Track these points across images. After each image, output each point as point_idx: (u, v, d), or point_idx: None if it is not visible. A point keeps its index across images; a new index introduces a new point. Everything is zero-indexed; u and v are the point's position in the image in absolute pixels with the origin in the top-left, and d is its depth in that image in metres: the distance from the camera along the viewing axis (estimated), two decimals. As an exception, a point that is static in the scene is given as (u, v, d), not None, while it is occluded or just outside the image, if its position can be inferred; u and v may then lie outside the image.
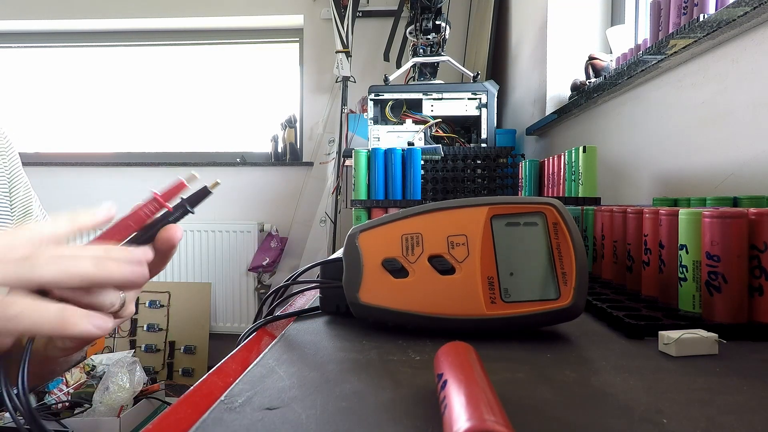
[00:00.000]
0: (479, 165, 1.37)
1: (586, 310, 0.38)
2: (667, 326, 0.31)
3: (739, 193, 0.59)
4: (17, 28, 3.11)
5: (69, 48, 3.17)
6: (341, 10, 2.60)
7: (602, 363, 0.27)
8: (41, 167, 2.89)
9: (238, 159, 2.87)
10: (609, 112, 1.32)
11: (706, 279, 0.34)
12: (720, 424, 0.19)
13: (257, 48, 3.11)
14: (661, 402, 0.21)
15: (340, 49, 2.57)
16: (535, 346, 0.30)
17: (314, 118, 2.87)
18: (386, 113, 1.62)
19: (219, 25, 3.03)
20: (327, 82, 2.83)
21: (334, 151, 2.64)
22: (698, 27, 0.84)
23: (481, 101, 1.60)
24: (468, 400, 0.16)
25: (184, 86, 3.10)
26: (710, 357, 0.27)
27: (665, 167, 1.04)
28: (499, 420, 0.15)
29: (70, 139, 3.14)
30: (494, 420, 0.15)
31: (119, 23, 3.03)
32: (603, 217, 0.50)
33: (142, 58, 3.15)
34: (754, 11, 0.73)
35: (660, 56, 0.98)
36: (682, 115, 0.98)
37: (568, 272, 0.32)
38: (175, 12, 2.94)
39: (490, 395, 0.17)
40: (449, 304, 0.32)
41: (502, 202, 0.34)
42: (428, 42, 1.78)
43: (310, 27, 2.86)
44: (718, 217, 0.33)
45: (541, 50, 1.76)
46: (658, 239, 0.40)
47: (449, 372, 0.20)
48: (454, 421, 0.15)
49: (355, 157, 1.24)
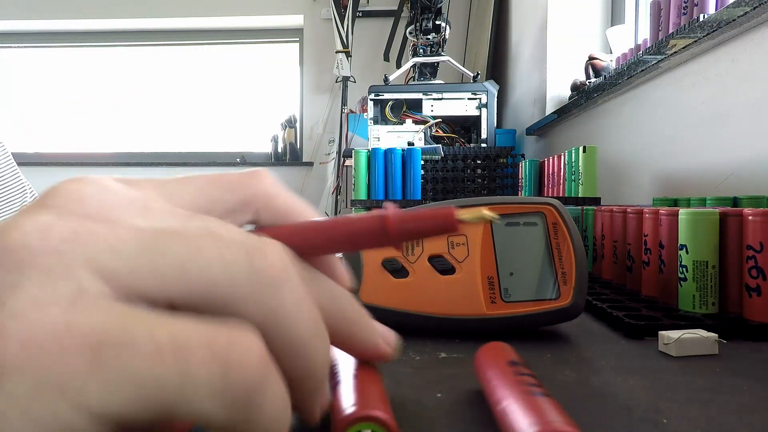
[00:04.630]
0: (479, 165, 1.37)
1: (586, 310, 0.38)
2: (667, 326, 0.31)
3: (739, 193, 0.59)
4: (17, 28, 3.11)
5: (69, 48, 3.17)
6: (341, 10, 2.60)
7: (602, 363, 0.27)
8: (41, 167, 2.89)
9: (238, 159, 2.87)
10: (609, 112, 1.32)
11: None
12: (720, 424, 0.19)
13: (257, 48, 3.11)
14: (661, 402, 0.21)
15: (340, 49, 2.57)
16: (535, 346, 0.30)
17: (314, 118, 2.87)
18: (386, 113, 1.62)
19: (219, 25, 3.03)
20: (327, 82, 2.83)
21: (334, 151, 2.64)
22: (698, 27, 0.84)
23: (481, 101, 1.60)
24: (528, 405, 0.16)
25: (184, 86, 3.10)
26: (710, 357, 0.27)
27: (665, 167, 1.04)
28: (566, 421, 0.15)
29: (70, 139, 3.14)
30: (562, 421, 0.15)
31: (119, 23, 3.03)
32: (603, 217, 0.50)
33: (142, 58, 3.15)
34: (754, 11, 0.73)
35: (660, 56, 0.98)
36: (682, 115, 0.98)
37: (567, 272, 0.32)
38: (175, 12, 2.94)
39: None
40: (449, 303, 0.32)
41: (502, 202, 0.34)
42: (428, 42, 1.78)
43: (310, 27, 2.86)
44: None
45: (541, 50, 1.76)
46: (658, 239, 0.40)
47: (497, 375, 0.19)
48: (521, 425, 0.15)
49: (355, 157, 1.24)
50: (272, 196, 0.17)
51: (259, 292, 0.13)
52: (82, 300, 0.12)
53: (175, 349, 0.11)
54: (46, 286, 0.12)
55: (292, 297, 0.14)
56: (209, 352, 0.12)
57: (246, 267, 0.13)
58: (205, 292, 0.13)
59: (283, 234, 0.17)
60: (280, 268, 0.14)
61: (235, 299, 0.13)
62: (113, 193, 0.14)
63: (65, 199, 0.14)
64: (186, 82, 3.10)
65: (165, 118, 3.10)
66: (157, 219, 0.14)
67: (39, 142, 3.12)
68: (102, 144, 3.10)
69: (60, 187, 0.14)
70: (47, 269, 0.12)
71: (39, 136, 3.13)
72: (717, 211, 0.36)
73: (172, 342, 0.11)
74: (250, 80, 3.07)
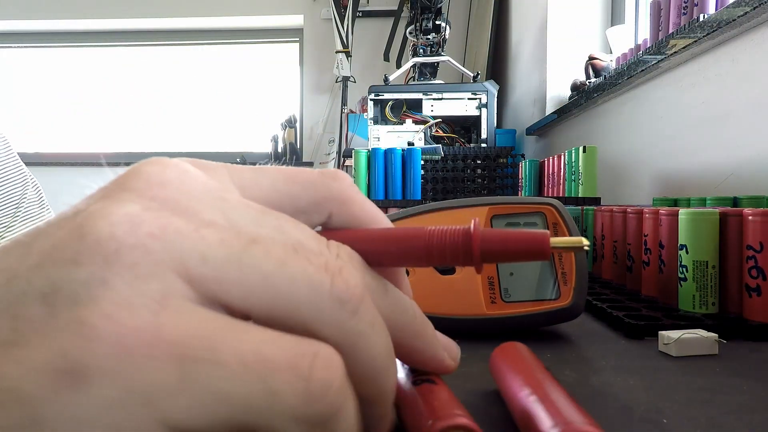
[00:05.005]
0: (479, 165, 1.37)
1: (586, 310, 0.38)
2: (667, 326, 0.31)
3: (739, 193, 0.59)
4: (17, 28, 3.11)
5: (69, 48, 3.17)
6: (341, 10, 2.60)
7: (602, 363, 0.27)
8: (41, 167, 2.89)
9: (238, 159, 2.87)
10: (609, 112, 1.32)
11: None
12: (720, 424, 0.19)
13: (257, 48, 3.11)
14: (661, 402, 0.21)
15: (340, 49, 2.57)
16: (535, 346, 0.30)
17: (314, 118, 2.87)
18: (386, 113, 1.62)
19: (219, 25, 3.03)
20: (327, 82, 2.83)
21: (334, 151, 2.64)
22: (698, 27, 0.84)
23: (481, 101, 1.60)
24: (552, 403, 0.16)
25: (184, 86, 3.10)
26: (710, 357, 0.27)
27: (665, 167, 1.04)
28: (587, 420, 0.15)
29: (70, 139, 3.14)
30: (585, 421, 0.14)
31: (119, 23, 3.03)
32: (603, 217, 0.50)
33: (142, 58, 3.15)
34: (754, 11, 0.73)
35: (660, 56, 0.98)
36: (682, 115, 0.98)
37: (568, 272, 0.32)
38: (175, 12, 2.94)
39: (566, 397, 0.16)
40: (449, 303, 0.32)
41: (502, 202, 0.34)
42: (428, 42, 1.78)
43: (310, 27, 2.86)
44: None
45: (541, 50, 1.76)
46: (658, 239, 0.40)
47: (516, 373, 0.19)
48: (543, 424, 0.15)
49: (355, 157, 1.24)
50: (349, 201, 0.16)
51: (338, 313, 0.13)
52: (170, 302, 0.11)
53: (261, 366, 0.11)
54: (136, 285, 0.11)
55: (367, 320, 0.13)
56: (294, 373, 0.11)
57: (328, 287, 0.13)
58: (286, 309, 0.12)
59: (354, 239, 0.16)
60: (359, 292, 0.13)
61: (314, 318, 0.12)
62: (193, 179, 0.14)
63: (147, 183, 0.13)
64: (186, 82, 3.10)
65: (165, 118, 3.10)
66: (232, 213, 0.14)
67: (39, 142, 3.12)
68: (102, 144, 3.10)
69: (140, 169, 0.14)
70: (135, 266, 0.11)
71: (39, 136, 3.13)
72: (717, 211, 0.36)
73: (257, 359, 0.11)
74: (250, 80, 3.07)
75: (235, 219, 0.13)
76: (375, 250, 0.16)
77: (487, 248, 0.15)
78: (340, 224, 0.17)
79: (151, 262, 0.11)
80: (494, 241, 0.15)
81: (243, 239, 0.13)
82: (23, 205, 0.61)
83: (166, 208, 0.13)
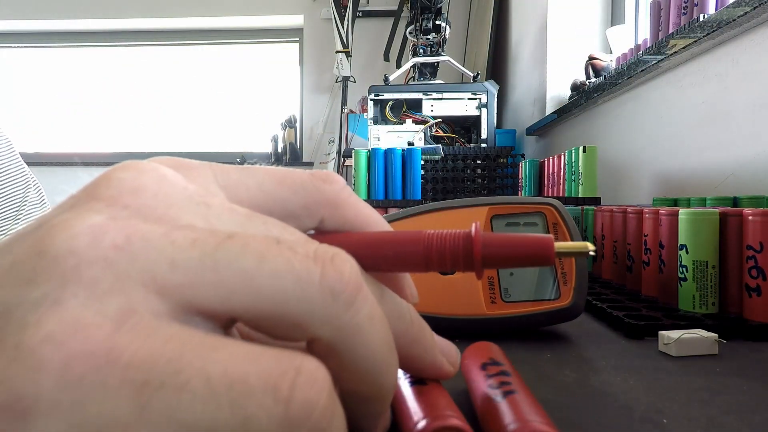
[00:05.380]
0: (479, 165, 1.37)
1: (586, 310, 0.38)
2: (667, 326, 0.31)
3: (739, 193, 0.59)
4: (17, 28, 3.11)
5: (69, 48, 3.17)
6: (341, 10, 2.60)
7: (602, 363, 0.27)
8: (41, 167, 2.89)
9: (238, 159, 2.87)
10: (609, 112, 1.32)
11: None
12: (720, 424, 0.19)
13: (257, 48, 3.11)
14: (661, 402, 0.21)
15: (340, 49, 2.57)
16: (535, 346, 0.30)
17: (314, 118, 2.87)
18: (386, 113, 1.62)
19: (219, 25, 3.03)
20: (327, 82, 2.83)
21: (334, 151, 2.64)
22: (698, 27, 0.84)
23: (481, 101, 1.60)
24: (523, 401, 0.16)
25: (184, 86, 3.10)
26: (710, 357, 0.27)
27: (665, 167, 1.04)
28: (543, 420, 0.15)
29: (70, 139, 3.14)
30: (540, 421, 0.14)
31: (119, 23, 3.04)
32: (603, 217, 0.50)
33: (142, 58, 3.15)
34: (754, 11, 0.73)
35: (660, 56, 0.98)
36: (682, 115, 0.98)
37: (568, 272, 0.32)
38: (175, 12, 2.94)
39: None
40: (449, 303, 0.32)
41: (502, 202, 0.34)
42: (428, 42, 1.78)
43: (310, 27, 2.87)
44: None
45: (541, 50, 1.76)
46: (658, 239, 0.40)
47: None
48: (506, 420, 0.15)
49: (355, 157, 1.24)
50: (342, 205, 0.15)
51: (332, 307, 0.11)
52: (130, 321, 0.10)
53: (231, 390, 0.10)
54: (90, 304, 0.10)
55: (365, 312, 0.12)
56: (271, 397, 0.10)
57: (317, 278, 0.11)
58: (274, 306, 0.11)
59: (347, 243, 0.14)
60: (354, 281, 0.12)
61: (305, 314, 0.11)
62: (171, 185, 0.13)
63: (119, 191, 0.12)
64: (186, 82, 3.10)
65: (165, 118, 3.10)
66: (216, 219, 0.13)
67: (39, 142, 3.12)
68: (102, 144, 3.10)
69: (113, 176, 0.12)
70: (94, 282, 0.10)
71: (39, 136, 3.14)
72: (717, 211, 0.36)
73: (227, 382, 0.10)
74: (250, 80, 3.07)
75: (218, 226, 0.12)
76: (370, 254, 0.15)
77: (489, 253, 0.14)
78: (333, 229, 0.16)
79: (112, 276, 0.10)
80: (496, 246, 0.14)
81: (218, 236, 0.11)
82: (25, 208, 0.61)
83: (137, 216, 0.12)
